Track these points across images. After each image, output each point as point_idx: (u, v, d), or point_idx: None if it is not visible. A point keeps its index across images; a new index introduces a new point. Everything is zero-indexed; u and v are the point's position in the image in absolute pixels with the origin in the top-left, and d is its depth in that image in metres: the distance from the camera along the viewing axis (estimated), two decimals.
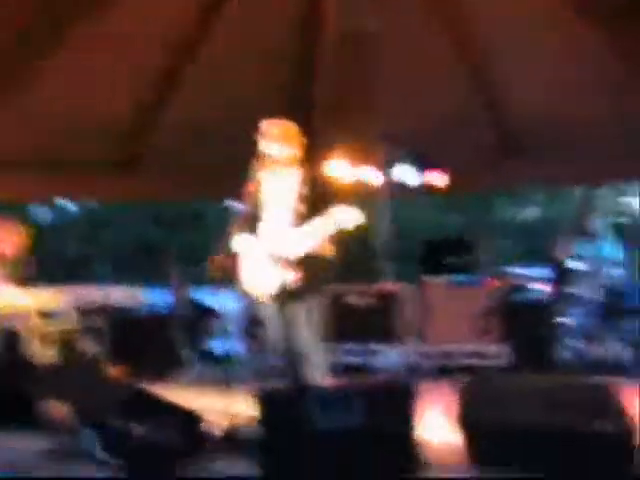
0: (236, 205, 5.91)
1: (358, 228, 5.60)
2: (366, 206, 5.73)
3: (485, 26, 9.41)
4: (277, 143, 5.79)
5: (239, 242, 5.80)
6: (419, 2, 9.28)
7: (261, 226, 5.82)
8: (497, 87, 10.03)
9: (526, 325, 8.65)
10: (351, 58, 9.68)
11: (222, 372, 8.17)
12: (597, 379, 5.39)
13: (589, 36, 8.80)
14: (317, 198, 5.66)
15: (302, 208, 5.68)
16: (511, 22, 9.14)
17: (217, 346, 9.92)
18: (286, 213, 5.75)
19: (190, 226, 21.62)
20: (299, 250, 5.57)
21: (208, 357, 9.68)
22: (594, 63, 9.12)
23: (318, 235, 5.52)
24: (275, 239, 5.70)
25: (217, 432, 5.37)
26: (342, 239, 5.72)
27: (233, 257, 5.83)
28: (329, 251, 5.68)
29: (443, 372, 8.44)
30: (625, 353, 8.53)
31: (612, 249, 9.20)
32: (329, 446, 4.46)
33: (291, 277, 5.60)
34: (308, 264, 5.60)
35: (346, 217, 5.43)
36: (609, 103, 9.35)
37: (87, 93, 9.00)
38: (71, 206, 23.09)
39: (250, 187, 5.79)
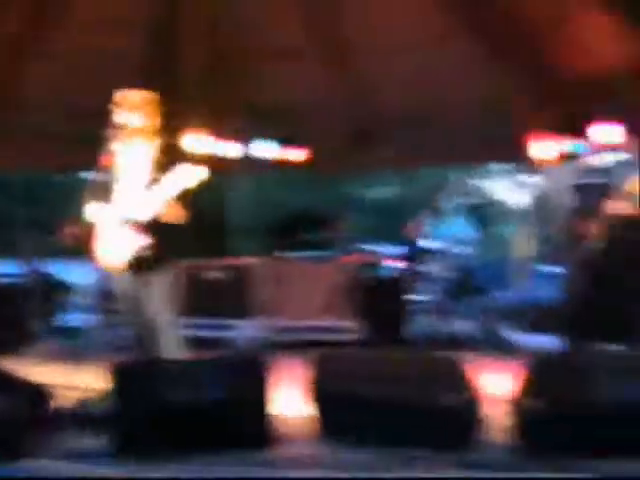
0: (91, 176, 5.81)
1: (213, 202, 5.59)
2: (223, 180, 5.72)
3: (357, 16, 9.61)
4: (132, 113, 5.71)
5: (92, 211, 5.70)
6: None
7: (115, 195, 5.73)
8: (354, 76, 10.20)
9: (379, 301, 8.80)
10: (215, 30, 9.66)
11: (74, 346, 8.02)
12: (446, 353, 5.53)
13: (440, 21, 9.05)
14: (169, 166, 5.60)
15: (156, 176, 5.62)
16: (382, 15, 9.34)
17: (69, 319, 9.73)
18: (140, 182, 5.68)
19: (42, 197, 21.10)
20: (147, 213, 5.51)
21: (59, 331, 9.49)
22: (448, 49, 9.39)
23: (165, 196, 5.47)
24: (127, 206, 5.62)
25: (68, 407, 5.28)
26: (195, 210, 5.70)
27: (85, 226, 5.72)
28: (180, 218, 5.63)
29: (296, 346, 8.52)
30: (474, 329, 8.83)
31: (463, 228, 9.48)
32: (183, 419, 4.45)
33: (141, 243, 5.54)
34: (158, 230, 5.54)
35: (190, 174, 5.41)
36: (460, 89, 9.65)
37: None
38: None
39: (105, 157, 5.69)
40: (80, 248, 5.81)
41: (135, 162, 5.73)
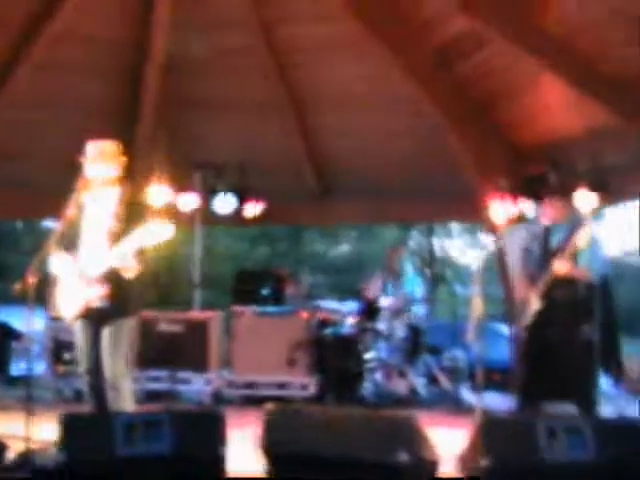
0: (53, 225, 5.81)
1: (170, 254, 5.59)
2: (180, 232, 5.73)
3: (311, 70, 9.69)
4: (98, 163, 5.73)
5: (52, 261, 5.70)
6: (250, 40, 9.45)
7: (76, 245, 5.72)
8: (317, 131, 10.34)
9: (333, 358, 8.80)
10: (178, 82, 9.71)
11: (23, 394, 7.91)
12: (397, 411, 5.55)
13: (403, 86, 9.20)
14: (132, 218, 5.61)
15: (117, 227, 5.63)
16: (339, 69, 9.48)
17: (18, 368, 9.61)
18: (102, 233, 5.68)
19: None
20: (106, 266, 5.51)
21: (8, 379, 9.38)
22: (406, 111, 9.55)
23: (127, 252, 5.48)
24: (87, 257, 5.62)
25: (13, 456, 5.20)
26: (153, 263, 5.70)
27: (43, 276, 5.70)
28: (138, 271, 5.63)
29: (249, 401, 8.49)
30: (424, 387, 8.87)
31: (417, 287, 9.57)
32: (133, 473, 4.41)
33: (99, 295, 5.53)
34: (116, 283, 5.55)
35: (154, 232, 5.42)
36: (420, 147, 9.81)
37: None
38: None
39: (68, 207, 5.69)
40: (34, 296, 5.78)
41: (98, 212, 5.74)
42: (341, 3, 8.84)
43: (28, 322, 9.00)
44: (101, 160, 5.74)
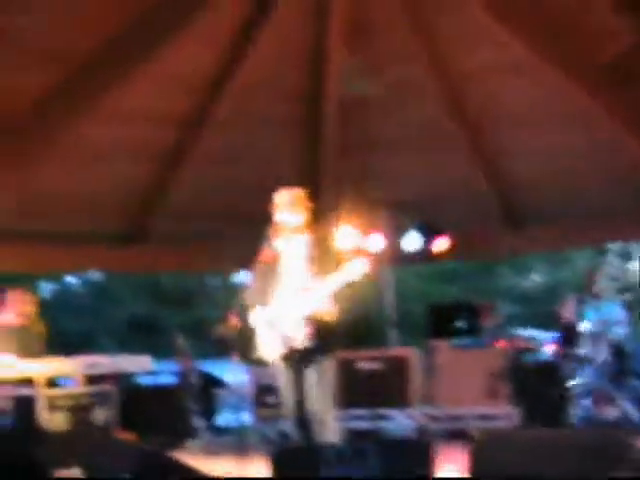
0: (242, 276, 6.01)
1: (361, 295, 5.68)
2: (371, 273, 5.80)
3: (485, 96, 9.61)
4: (288, 211, 5.91)
5: (252, 309, 5.89)
6: (419, 71, 9.49)
7: (274, 292, 5.89)
8: (499, 157, 10.19)
9: (535, 386, 8.63)
10: (355, 124, 9.86)
11: (232, 441, 8.15)
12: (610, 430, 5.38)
13: (586, 103, 8.99)
14: (325, 262, 5.74)
15: (313, 270, 5.76)
16: (512, 92, 9.36)
17: (226, 416, 9.90)
18: (299, 277, 5.83)
19: (189, 302, 21.78)
20: (309, 310, 5.64)
21: (217, 427, 9.67)
22: (594, 131, 9.30)
23: (326, 294, 5.60)
24: (287, 302, 5.78)
25: None
26: (347, 304, 5.80)
27: (243, 322, 5.90)
28: (337, 312, 5.74)
29: (453, 436, 8.42)
30: (634, 412, 8.52)
31: (615, 310, 9.24)
32: None
33: (303, 337, 5.67)
34: (318, 324, 5.67)
35: (350, 271, 5.52)
36: (609, 166, 9.52)
37: (99, 166, 9.18)
38: (74, 282, 23.26)
39: (263, 254, 5.88)
40: (232, 348, 5.98)
41: (292, 257, 5.89)
42: (510, 28, 8.75)
43: (228, 372, 9.37)
44: (290, 207, 5.91)
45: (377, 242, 9.93)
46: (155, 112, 9.12)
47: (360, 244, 9.41)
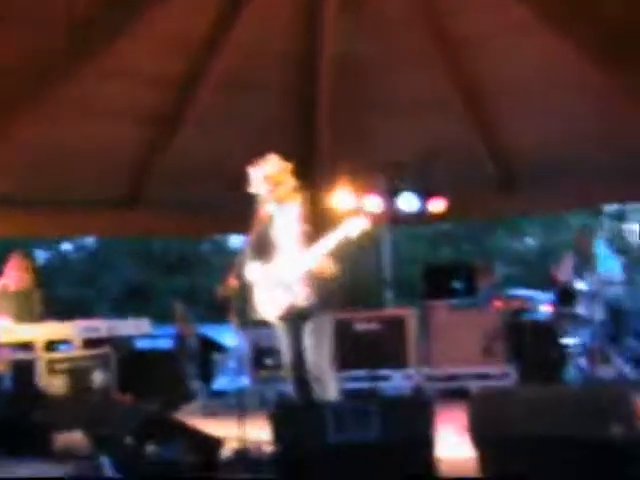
0: (241, 242, 6.02)
1: (356, 256, 5.69)
2: (364, 235, 5.80)
3: (482, 60, 9.58)
4: (278, 175, 5.91)
5: (250, 269, 5.90)
6: (420, 37, 9.44)
7: (268, 254, 5.91)
8: (495, 120, 10.18)
9: (531, 346, 8.67)
10: (351, 87, 9.83)
11: (231, 403, 8.18)
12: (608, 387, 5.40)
13: (581, 67, 8.96)
14: (320, 222, 5.75)
15: (307, 231, 5.77)
16: (509, 56, 9.33)
17: (225, 379, 9.94)
18: (293, 238, 5.84)
19: (183, 267, 21.85)
20: (304, 269, 5.66)
21: (216, 390, 9.71)
22: (590, 95, 9.27)
23: (322, 253, 5.62)
24: (284, 263, 5.79)
25: (229, 452, 5.42)
26: (348, 263, 5.81)
27: (243, 281, 5.92)
28: (335, 270, 5.76)
29: (450, 395, 8.46)
30: (630, 371, 8.57)
31: (612, 270, 9.25)
32: (345, 460, 4.50)
33: (301, 296, 5.69)
34: (317, 282, 5.69)
35: (349, 228, 5.53)
36: (604, 131, 9.49)
37: (92, 129, 9.13)
38: (69, 249, 23.28)
39: (258, 216, 5.89)
40: (230, 311, 6.00)
41: (286, 221, 5.90)
42: None
43: (226, 336, 9.38)
44: (280, 172, 5.92)
45: (374, 203, 9.94)
46: (148, 74, 9.08)
47: (357, 205, 9.44)
